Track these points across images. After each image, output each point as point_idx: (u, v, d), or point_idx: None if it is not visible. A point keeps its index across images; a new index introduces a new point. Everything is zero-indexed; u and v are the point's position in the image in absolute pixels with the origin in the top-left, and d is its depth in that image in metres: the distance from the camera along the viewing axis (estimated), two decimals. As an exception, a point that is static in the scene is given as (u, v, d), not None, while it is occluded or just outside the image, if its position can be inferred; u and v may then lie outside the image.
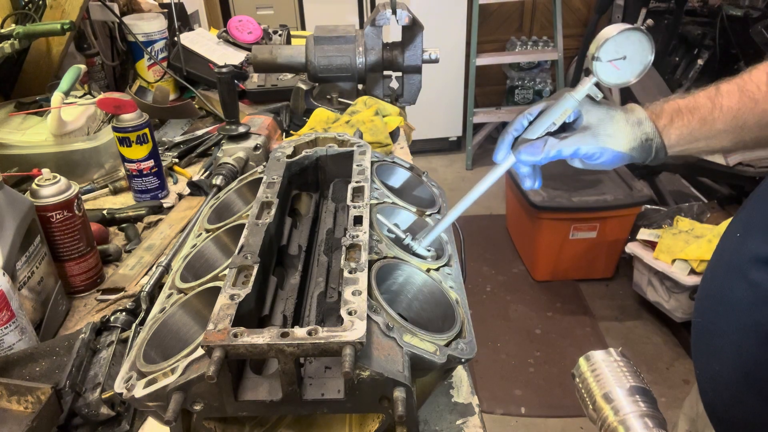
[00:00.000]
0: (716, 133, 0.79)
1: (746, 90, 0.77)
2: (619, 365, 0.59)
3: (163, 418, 0.58)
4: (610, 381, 0.57)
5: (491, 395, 2.39)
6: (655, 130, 0.79)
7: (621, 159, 0.80)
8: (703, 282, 0.81)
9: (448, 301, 0.71)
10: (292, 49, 1.59)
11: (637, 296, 2.81)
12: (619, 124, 0.78)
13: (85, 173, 1.37)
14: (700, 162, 2.90)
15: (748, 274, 0.69)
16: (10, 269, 0.83)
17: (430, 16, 2.35)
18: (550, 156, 0.79)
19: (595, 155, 0.79)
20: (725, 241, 0.79)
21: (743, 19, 3.42)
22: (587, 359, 0.60)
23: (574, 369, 0.61)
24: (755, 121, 0.76)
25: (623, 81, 0.75)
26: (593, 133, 0.78)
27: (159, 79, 1.89)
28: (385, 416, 0.60)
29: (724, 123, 0.78)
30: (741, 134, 0.78)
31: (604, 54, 0.73)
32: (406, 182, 0.98)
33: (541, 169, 0.86)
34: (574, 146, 0.78)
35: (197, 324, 0.69)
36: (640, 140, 0.78)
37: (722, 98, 0.78)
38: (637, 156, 0.80)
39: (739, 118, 0.77)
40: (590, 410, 0.58)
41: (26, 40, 1.42)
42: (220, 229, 0.83)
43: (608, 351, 0.60)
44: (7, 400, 0.72)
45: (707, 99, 0.79)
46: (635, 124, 0.79)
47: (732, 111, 0.77)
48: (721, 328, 0.73)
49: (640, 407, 0.55)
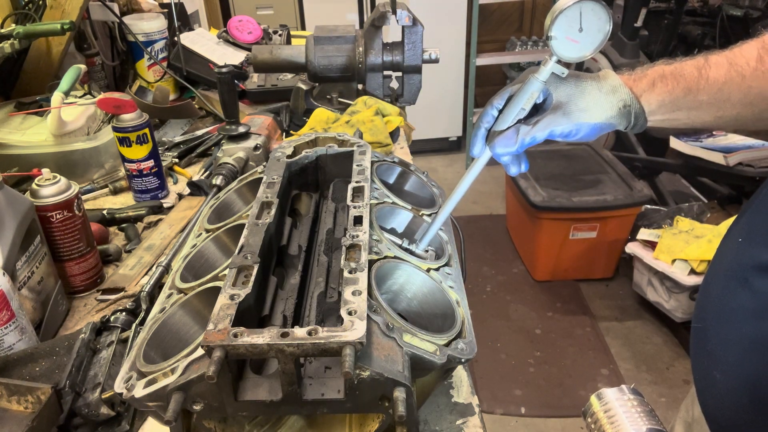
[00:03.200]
0: (699, 104, 0.76)
1: (735, 64, 0.74)
2: (633, 405, 0.56)
3: (163, 418, 0.58)
4: (625, 424, 0.54)
5: (491, 395, 2.39)
6: (632, 96, 0.76)
7: (600, 129, 0.77)
8: (703, 287, 0.80)
9: (448, 301, 0.71)
10: (292, 49, 1.59)
11: (637, 296, 2.81)
12: (592, 95, 0.75)
13: (85, 173, 1.37)
14: (700, 162, 2.90)
15: (751, 281, 0.68)
16: (10, 269, 0.83)
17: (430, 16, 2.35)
18: (525, 144, 0.76)
19: (572, 133, 0.76)
20: (726, 246, 0.78)
21: (743, 19, 3.42)
22: (599, 398, 0.57)
23: (584, 407, 0.58)
24: (740, 97, 0.74)
25: (583, 54, 0.72)
26: (564, 111, 0.75)
27: (159, 79, 1.89)
28: (385, 416, 0.60)
29: (709, 95, 0.75)
30: (723, 109, 0.76)
31: (558, 30, 0.70)
32: (407, 182, 0.98)
33: (541, 169, 0.85)
34: (546, 129, 0.75)
35: (197, 324, 0.69)
36: (618, 108, 0.76)
37: (710, 69, 0.75)
38: (618, 123, 0.77)
39: (725, 92, 0.74)
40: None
41: (26, 40, 1.42)
42: (220, 229, 0.83)
43: (621, 389, 0.57)
44: (7, 400, 0.72)
45: (694, 68, 0.76)
46: (609, 92, 0.76)
47: (718, 83, 0.74)
48: (722, 336, 0.72)
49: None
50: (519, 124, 0.76)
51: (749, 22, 3.40)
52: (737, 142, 2.86)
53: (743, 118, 0.77)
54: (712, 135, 3.01)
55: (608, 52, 3.57)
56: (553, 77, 0.75)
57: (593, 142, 3.29)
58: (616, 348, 2.60)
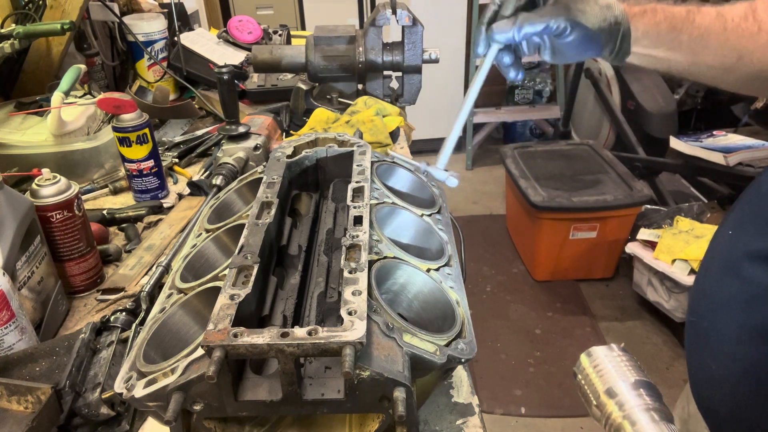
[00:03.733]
0: (679, 43, 0.79)
1: (721, 15, 0.78)
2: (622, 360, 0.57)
3: (163, 418, 0.58)
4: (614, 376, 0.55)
5: (491, 395, 2.39)
6: (624, 15, 0.79)
7: (589, 40, 0.79)
8: (696, 282, 0.81)
9: (448, 301, 0.71)
10: (292, 49, 1.59)
11: (637, 296, 2.81)
12: (590, 3, 0.78)
13: (85, 173, 1.37)
14: (700, 162, 2.90)
15: (741, 270, 0.69)
16: (10, 269, 0.83)
17: (430, 16, 2.35)
18: (522, 30, 0.77)
19: (566, 31, 0.77)
20: (717, 239, 0.79)
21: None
22: (589, 355, 0.59)
23: (575, 366, 0.60)
24: (716, 46, 0.78)
25: None
26: (565, 6, 0.77)
27: (159, 79, 1.89)
28: (385, 416, 0.60)
29: (690, 36, 0.79)
30: (700, 55, 0.79)
31: None
32: (407, 182, 0.98)
33: (541, 169, 0.87)
34: (545, 19, 0.76)
35: (197, 324, 0.69)
36: (609, 22, 0.78)
37: (697, 14, 0.79)
38: (604, 40, 0.79)
39: (704, 38, 0.78)
40: (593, 407, 0.56)
41: (26, 40, 1.42)
42: (220, 229, 0.83)
43: (610, 346, 0.59)
44: (7, 400, 0.72)
45: (684, 10, 0.80)
46: (605, 6, 0.78)
47: (701, 28, 0.78)
48: (716, 326, 0.73)
49: (646, 401, 0.53)
50: (518, 12, 0.78)
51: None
52: (737, 142, 2.86)
53: (714, 69, 0.81)
54: (712, 135, 3.01)
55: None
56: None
57: (593, 142, 3.29)
58: (616, 348, 2.60)
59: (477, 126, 4.19)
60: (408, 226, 0.85)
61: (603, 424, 0.55)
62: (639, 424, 0.51)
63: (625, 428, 0.52)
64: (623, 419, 0.52)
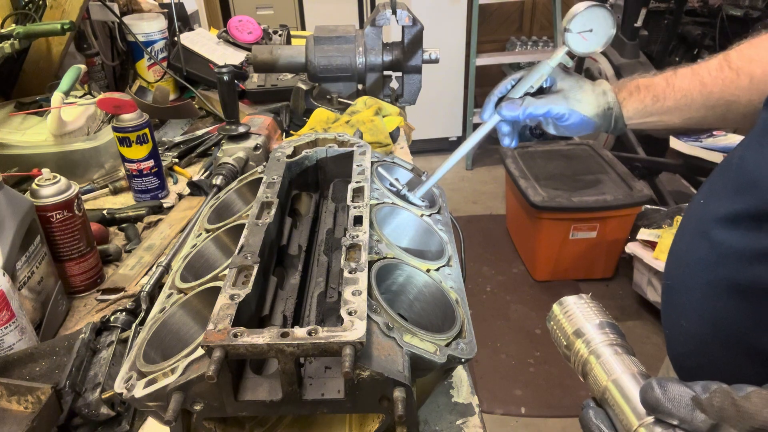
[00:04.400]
0: (666, 109, 0.90)
1: (697, 73, 0.88)
2: (588, 305, 0.63)
3: (163, 418, 0.58)
4: (581, 319, 0.61)
5: (491, 395, 2.39)
6: (616, 101, 0.91)
7: (586, 124, 0.92)
8: (671, 247, 0.86)
9: (448, 301, 0.71)
10: (292, 49, 1.59)
11: (637, 296, 2.81)
12: (587, 92, 0.91)
13: (85, 173, 1.37)
14: (700, 162, 2.90)
15: (710, 233, 0.73)
16: (10, 269, 0.83)
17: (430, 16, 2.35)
18: (526, 112, 0.90)
19: (564, 117, 0.90)
20: (690, 209, 0.85)
21: (743, 19, 3.42)
22: (560, 304, 0.64)
23: (548, 315, 0.65)
24: (702, 101, 0.87)
25: (590, 50, 0.89)
26: (564, 96, 0.90)
27: (159, 79, 1.89)
28: (385, 416, 0.60)
29: (675, 101, 0.89)
30: (689, 112, 0.89)
31: (574, 26, 0.87)
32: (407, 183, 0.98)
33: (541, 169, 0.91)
34: (547, 106, 0.90)
35: (197, 324, 0.69)
36: (603, 108, 0.91)
37: (676, 79, 0.89)
38: (600, 123, 0.92)
39: (688, 97, 0.88)
40: (563, 348, 0.61)
41: (26, 40, 1.42)
42: (220, 229, 0.83)
43: (580, 296, 0.64)
44: (7, 400, 0.72)
45: (663, 79, 0.90)
46: (600, 94, 0.91)
47: (682, 90, 0.88)
48: (687, 285, 0.78)
49: (609, 337, 0.58)
50: (526, 96, 0.92)
51: (749, 22, 3.40)
52: (737, 142, 2.86)
53: (708, 119, 0.90)
54: (712, 135, 3.01)
55: (608, 52, 3.57)
56: (561, 70, 0.92)
57: (593, 143, 3.29)
58: (616, 348, 2.60)
59: (477, 126, 4.18)
60: (408, 226, 0.86)
61: (572, 362, 0.60)
62: (603, 357, 0.56)
63: (591, 362, 0.57)
64: (589, 354, 0.57)
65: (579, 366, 0.58)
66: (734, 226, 0.70)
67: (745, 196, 0.69)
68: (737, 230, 0.70)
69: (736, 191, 0.72)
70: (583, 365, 0.58)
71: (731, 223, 0.71)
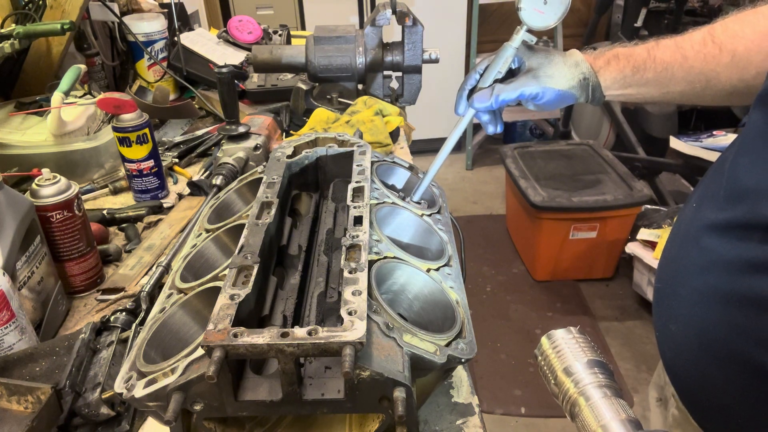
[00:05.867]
0: (646, 81, 0.87)
1: (680, 46, 0.85)
2: (578, 341, 0.61)
3: (163, 418, 0.58)
4: (570, 356, 0.60)
5: (491, 395, 2.39)
6: (591, 71, 0.87)
7: (563, 97, 0.88)
8: (663, 251, 0.85)
9: (448, 302, 0.71)
10: (292, 49, 1.59)
11: (637, 296, 2.81)
12: (558, 66, 0.87)
13: (85, 173, 1.37)
14: (700, 162, 2.89)
15: (700, 240, 0.73)
16: (10, 269, 0.83)
17: (430, 16, 2.34)
18: (499, 100, 0.87)
19: (539, 95, 0.87)
20: (683, 212, 0.84)
21: (743, 19, 3.41)
22: (549, 338, 0.63)
23: (536, 348, 0.64)
24: (682, 75, 0.84)
25: (548, 24, 0.85)
26: (534, 75, 0.87)
27: (159, 79, 1.89)
28: (385, 416, 0.60)
29: (655, 72, 0.85)
30: (668, 86, 0.86)
31: (526, 2, 0.84)
32: (407, 182, 0.98)
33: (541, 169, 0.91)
34: (518, 89, 0.86)
35: (197, 324, 0.69)
36: (578, 79, 0.87)
37: (657, 50, 0.86)
38: (578, 94, 0.88)
39: (669, 70, 0.85)
40: (552, 385, 0.60)
41: (26, 40, 1.42)
42: (220, 229, 0.83)
43: (568, 329, 0.63)
44: (7, 400, 0.72)
45: (644, 49, 0.87)
46: (573, 65, 0.88)
47: (664, 63, 0.85)
48: (677, 291, 0.77)
49: (599, 378, 0.58)
50: (495, 83, 0.88)
51: (749, 22, 3.39)
52: (737, 142, 2.86)
53: (687, 94, 0.87)
54: (712, 135, 3.01)
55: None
56: (526, 48, 0.88)
57: (593, 143, 3.29)
58: (616, 348, 2.60)
59: (477, 126, 4.18)
60: (408, 226, 0.86)
61: (560, 399, 0.59)
62: (593, 399, 0.56)
63: (580, 403, 0.56)
64: (579, 395, 0.57)
65: (567, 406, 0.58)
66: (724, 234, 0.70)
67: (735, 204, 0.69)
68: (727, 238, 0.69)
69: (727, 199, 0.71)
70: (571, 406, 0.57)
71: (721, 230, 0.70)
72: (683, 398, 0.83)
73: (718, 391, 0.72)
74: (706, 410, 0.78)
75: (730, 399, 0.71)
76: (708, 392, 0.74)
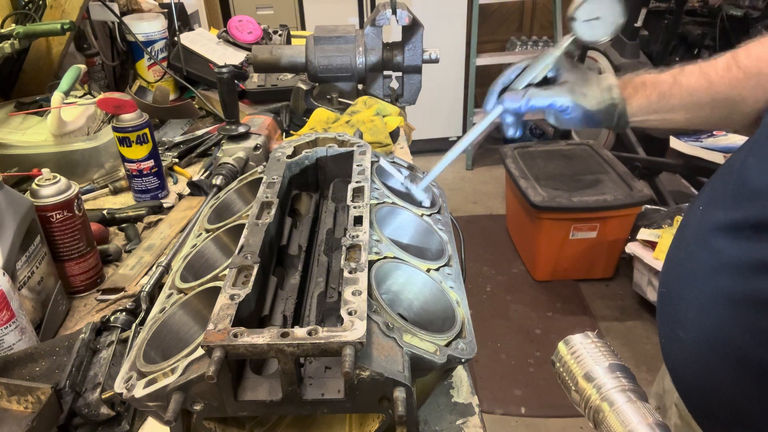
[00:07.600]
0: (671, 107, 0.87)
1: (705, 72, 0.85)
2: (597, 346, 0.60)
3: (163, 418, 0.58)
4: (590, 361, 0.58)
5: (491, 395, 2.39)
6: (621, 98, 0.87)
7: (588, 118, 0.89)
8: (668, 255, 0.84)
9: (448, 301, 0.71)
10: (292, 49, 1.59)
11: (637, 296, 2.81)
12: (592, 86, 0.88)
13: (85, 173, 1.37)
14: (700, 162, 2.89)
15: (709, 242, 0.72)
16: (10, 269, 0.83)
17: (430, 16, 2.34)
18: (530, 104, 0.87)
19: (568, 109, 0.88)
20: (689, 215, 0.83)
21: (743, 19, 3.42)
22: (566, 343, 0.61)
23: (553, 355, 0.62)
24: (708, 100, 0.84)
25: (598, 38, 0.86)
26: (569, 89, 0.87)
27: (159, 79, 1.89)
28: (385, 416, 0.60)
29: (680, 99, 0.85)
30: (693, 111, 0.86)
31: (580, 15, 0.85)
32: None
33: (541, 169, 0.90)
34: (551, 98, 0.87)
35: (197, 324, 0.69)
36: (607, 104, 0.87)
37: (683, 77, 0.86)
38: (602, 119, 0.88)
39: (694, 96, 0.85)
40: (573, 392, 0.59)
41: (26, 40, 1.42)
42: (220, 229, 0.83)
43: (586, 334, 0.62)
44: (7, 400, 0.72)
45: (670, 76, 0.87)
46: (606, 89, 0.88)
47: (689, 89, 0.85)
48: (684, 295, 0.76)
49: (622, 382, 0.56)
50: (529, 87, 0.88)
51: (749, 22, 3.40)
52: (737, 142, 2.86)
53: (713, 119, 0.88)
54: (712, 135, 3.01)
55: (608, 51, 3.57)
56: (567, 62, 0.89)
57: (593, 142, 3.29)
58: (616, 348, 2.59)
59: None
60: (408, 226, 0.86)
61: (582, 407, 0.57)
62: (617, 404, 0.54)
63: (604, 409, 0.54)
64: (602, 401, 0.55)
65: (590, 413, 0.56)
66: (735, 234, 0.69)
67: (746, 204, 0.68)
68: (738, 239, 0.68)
69: (737, 199, 0.70)
70: (595, 412, 0.55)
71: (732, 231, 0.69)
72: (689, 404, 0.81)
73: (728, 396, 0.71)
74: (714, 417, 0.76)
75: (741, 404, 0.70)
76: (717, 397, 0.73)
